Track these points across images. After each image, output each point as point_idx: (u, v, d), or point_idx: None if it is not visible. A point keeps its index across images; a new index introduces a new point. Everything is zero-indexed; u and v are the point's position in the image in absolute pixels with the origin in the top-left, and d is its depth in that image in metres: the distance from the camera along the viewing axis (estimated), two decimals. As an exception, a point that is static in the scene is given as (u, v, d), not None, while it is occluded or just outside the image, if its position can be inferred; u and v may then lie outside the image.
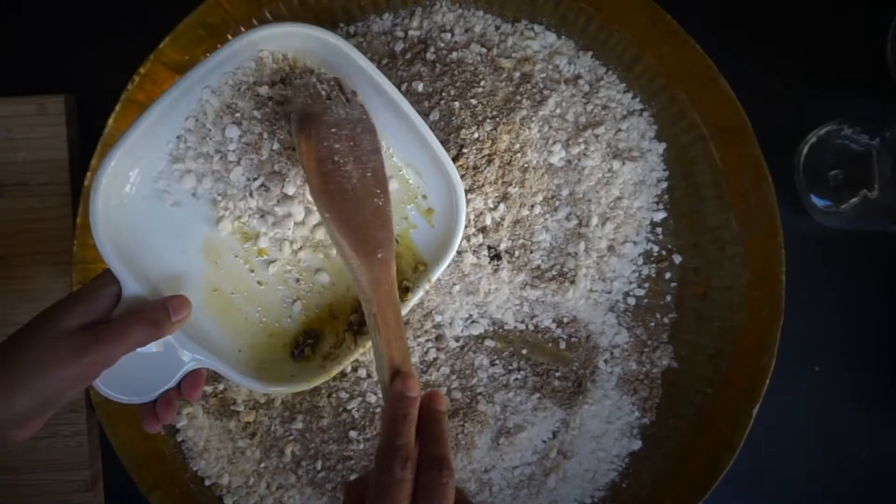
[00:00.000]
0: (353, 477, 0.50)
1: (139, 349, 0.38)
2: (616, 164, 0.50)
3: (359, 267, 0.39)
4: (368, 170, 0.40)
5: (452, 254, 0.45)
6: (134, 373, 0.39)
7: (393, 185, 0.46)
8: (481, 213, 0.49)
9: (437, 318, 0.51)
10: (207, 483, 0.52)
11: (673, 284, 0.52)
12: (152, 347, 0.40)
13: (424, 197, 0.46)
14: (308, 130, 0.39)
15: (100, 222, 0.38)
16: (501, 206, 0.49)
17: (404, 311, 0.46)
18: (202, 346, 0.41)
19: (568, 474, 0.51)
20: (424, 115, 0.49)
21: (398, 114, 0.43)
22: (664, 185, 0.52)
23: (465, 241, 0.50)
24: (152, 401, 0.41)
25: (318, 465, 0.50)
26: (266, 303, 0.45)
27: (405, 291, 0.46)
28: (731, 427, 0.49)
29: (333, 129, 0.39)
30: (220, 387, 0.51)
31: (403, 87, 0.50)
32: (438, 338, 0.51)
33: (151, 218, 0.41)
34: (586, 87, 0.51)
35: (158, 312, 0.38)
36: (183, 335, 0.40)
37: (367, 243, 0.39)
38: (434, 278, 0.45)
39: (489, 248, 0.50)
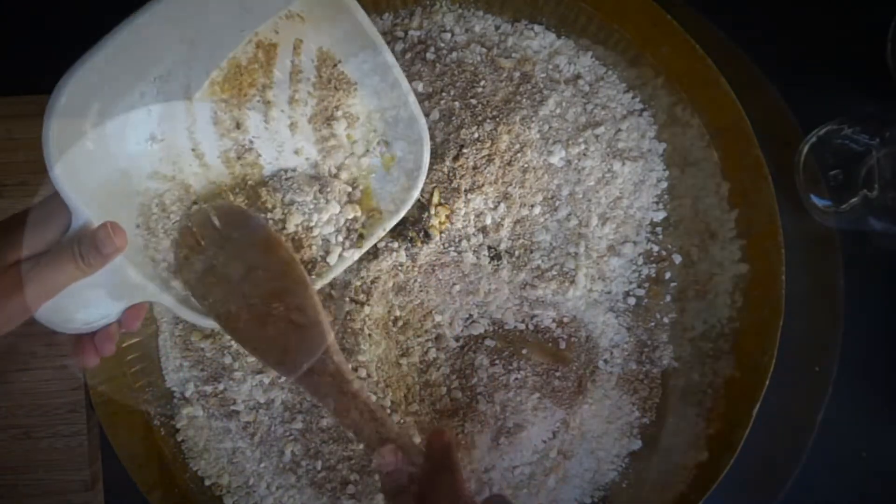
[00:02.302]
0: (353, 477, 0.50)
1: (84, 280, 0.37)
2: (616, 164, 0.50)
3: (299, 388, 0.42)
4: (258, 292, 0.41)
5: (407, 208, 0.46)
6: (77, 305, 0.38)
7: (358, 132, 0.46)
8: (481, 213, 0.49)
9: (437, 318, 0.51)
10: (207, 483, 0.52)
11: (673, 284, 0.52)
12: (97, 277, 0.38)
13: (387, 144, 0.47)
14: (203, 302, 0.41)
15: (53, 149, 0.36)
16: (501, 206, 0.49)
17: (356, 257, 0.46)
18: (148, 279, 0.40)
19: (568, 474, 0.51)
20: (424, 115, 0.49)
21: (376, 62, 0.43)
22: (664, 185, 0.52)
23: (465, 241, 0.50)
24: (90, 333, 0.40)
25: (318, 465, 0.50)
26: None
27: (359, 238, 0.46)
28: (731, 427, 0.49)
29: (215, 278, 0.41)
30: (220, 387, 0.50)
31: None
32: (438, 338, 0.51)
33: (107, 146, 0.40)
34: (586, 87, 0.51)
35: (87, 247, 0.36)
36: (128, 265, 0.39)
37: (289, 371, 0.41)
38: (388, 228, 0.46)
39: (489, 248, 0.50)
